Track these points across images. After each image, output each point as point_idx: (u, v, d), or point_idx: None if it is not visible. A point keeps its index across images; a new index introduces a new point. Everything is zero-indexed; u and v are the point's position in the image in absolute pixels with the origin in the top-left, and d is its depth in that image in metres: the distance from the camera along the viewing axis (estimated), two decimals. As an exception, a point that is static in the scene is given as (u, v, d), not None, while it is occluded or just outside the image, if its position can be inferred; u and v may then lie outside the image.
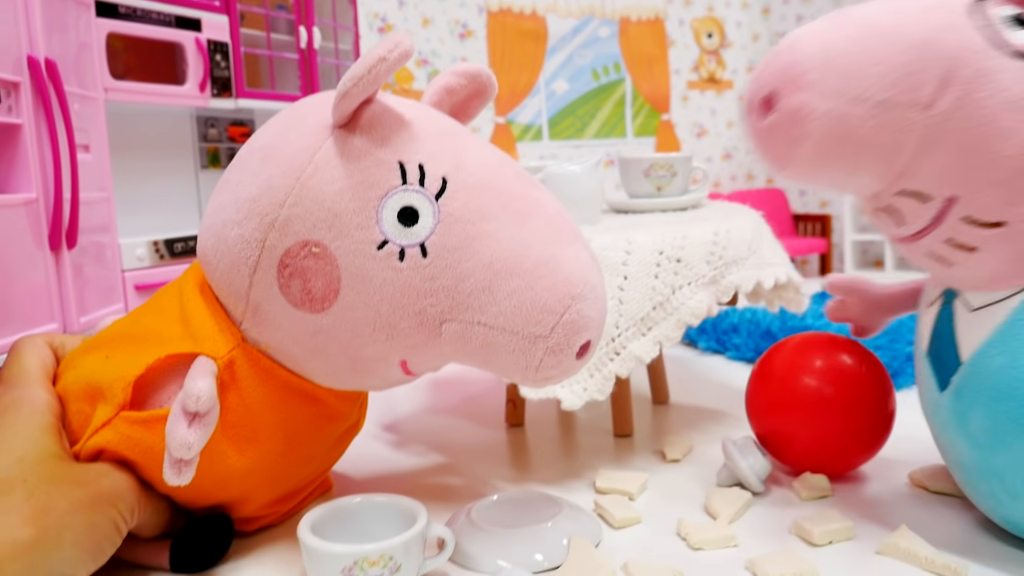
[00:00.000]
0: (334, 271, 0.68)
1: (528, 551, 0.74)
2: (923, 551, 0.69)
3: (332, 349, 0.72)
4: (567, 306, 0.68)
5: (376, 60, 0.64)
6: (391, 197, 0.68)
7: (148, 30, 1.82)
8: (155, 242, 1.85)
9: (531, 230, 0.69)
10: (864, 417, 0.86)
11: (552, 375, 0.71)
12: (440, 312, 0.69)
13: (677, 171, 1.20)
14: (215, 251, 0.72)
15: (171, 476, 0.64)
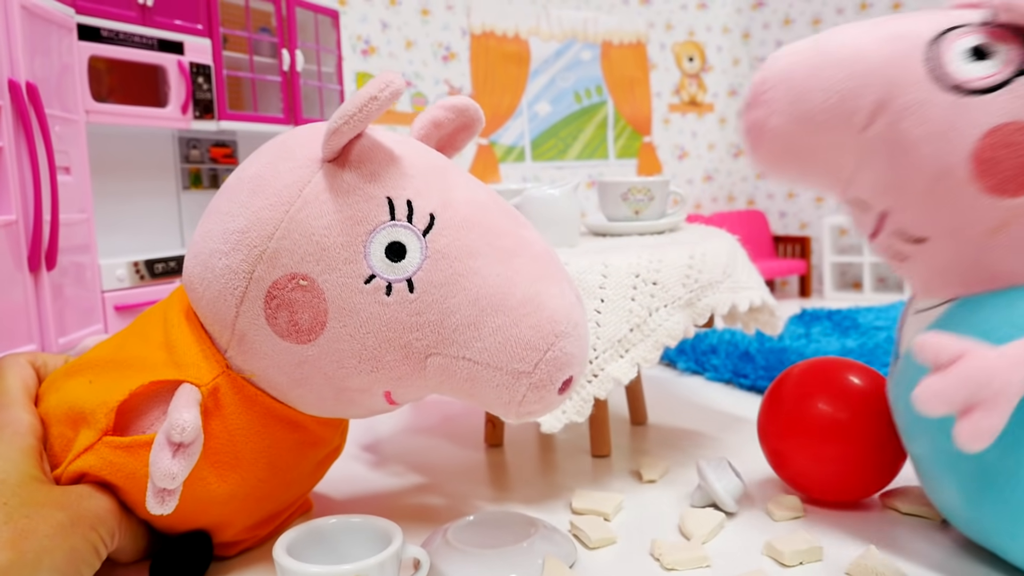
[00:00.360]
0: (321, 304, 0.68)
1: (503, 571, 0.74)
2: (890, 572, 0.70)
3: (317, 379, 0.72)
4: (551, 343, 0.69)
5: (367, 99, 0.66)
6: (379, 232, 0.69)
7: (130, 53, 1.82)
8: (135, 263, 1.85)
9: (516, 268, 0.70)
10: (887, 443, 0.84)
11: (534, 410, 0.72)
12: (426, 346, 0.70)
13: (655, 195, 1.21)
14: (202, 280, 0.73)
15: (154, 505, 0.64)
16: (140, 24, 1.85)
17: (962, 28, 0.67)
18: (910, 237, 0.71)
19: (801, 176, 0.76)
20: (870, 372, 0.88)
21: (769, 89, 0.71)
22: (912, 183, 0.68)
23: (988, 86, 0.64)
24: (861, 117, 0.68)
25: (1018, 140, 0.63)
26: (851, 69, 0.68)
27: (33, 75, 1.49)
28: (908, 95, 0.66)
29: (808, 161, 0.73)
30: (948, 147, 0.65)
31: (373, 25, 3.41)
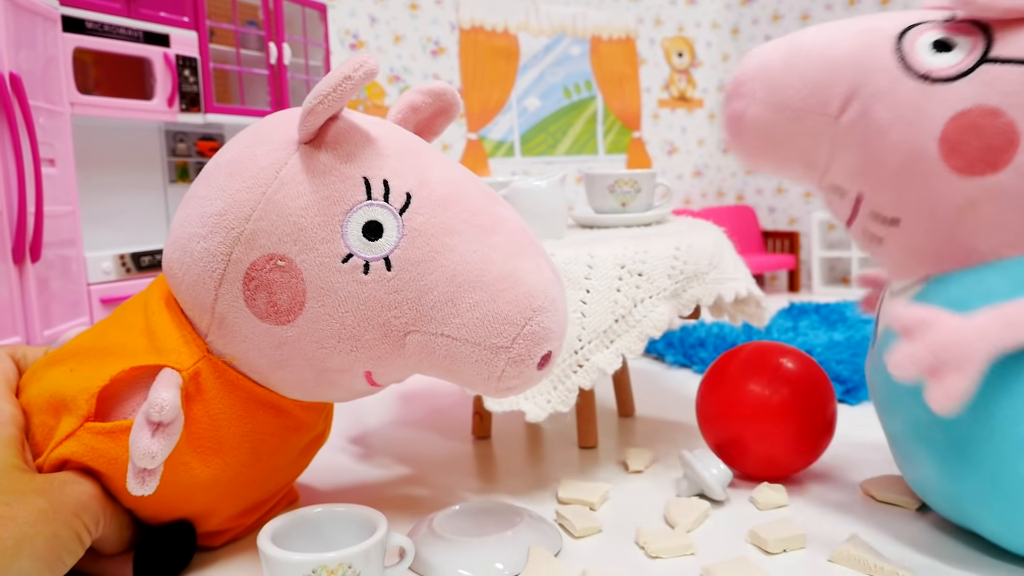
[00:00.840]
0: (299, 284, 0.69)
1: (488, 560, 0.74)
2: (872, 559, 0.71)
3: (297, 360, 0.72)
4: (528, 318, 0.69)
5: (341, 78, 0.66)
6: (356, 212, 0.69)
7: (116, 45, 1.81)
8: (121, 256, 1.84)
9: (493, 244, 0.71)
10: (807, 422, 0.89)
11: (514, 385, 0.72)
12: (404, 324, 0.70)
13: (641, 187, 1.21)
14: (181, 264, 0.73)
15: (134, 486, 0.64)
16: (125, 16, 1.84)
17: (927, 23, 0.71)
18: (884, 219, 0.74)
19: (780, 164, 0.78)
20: (800, 355, 0.93)
21: (747, 82, 0.75)
22: (884, 166, 0.71)
23: (953, 74, 0.68)
24: (835, 105, 0.72)
25: (983, 123, 0.66)
26: (824, 59, 0.72)
27: (17, 67, 1.48)
28: (879, 83, 0.70)
29: (786, 149, 0.76)
30: (917, 131, 0.68)
31: (362, 19, 3.39)
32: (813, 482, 0.94)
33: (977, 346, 0.62)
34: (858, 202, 0.76)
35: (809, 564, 0.74)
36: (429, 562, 0.75)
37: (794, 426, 0.89)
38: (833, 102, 0.72)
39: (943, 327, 0.63)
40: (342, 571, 0.66)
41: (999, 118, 0.66)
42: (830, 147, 0.74)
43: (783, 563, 0.74)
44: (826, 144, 0.74)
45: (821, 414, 0.90)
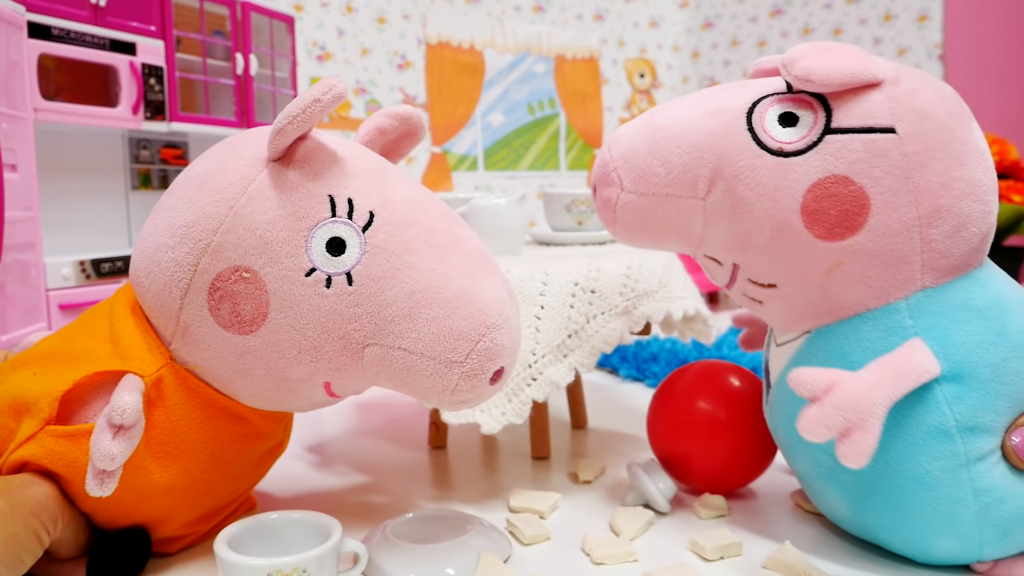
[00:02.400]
0: (263, 296, 0.72)
1: (440, 566, 0.77)
2: (803, 565, 0.75)
3: (258, 370, 0.75)
4: (482, 335, 0.73)
5: (310, 101, 0.70)
6: (320, 228, 0.72)
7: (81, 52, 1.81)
8: (81, 262, 1.83)
9: (451, 263, 0.74)
10: (753, 438, 0.92)
11: (466, 399, 0.76)
12: (363, 337, 0.73)
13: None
14: (148, 273, 0.75)
15: (93, 487, 0.66)
16: (92, 24, 1.84)
17: (769, 97, 0.76)
18: (761, 284, 0.79)
19: (658, 241, 0.82)
20: (748, 374, 0.97)
21: (613, 170, 0.79)
22: (755, 238, 0.76)
23: (803, 147, 0.73)
24: (701, 187, 0.77)
25: (836, 191, 0.72)
26: (684, 144, 0.76)
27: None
28: (738, 163, 0.75)
29: (661, 228, 0.80)
30: (779, 205, 0.73)
31: (329, 31, 3.41)
32: (752, 492, 0.98)
33: (877, 402, 0.67)
34: (735, 270, 0.80)
35: (745, 570, 0.78)
36: (382, 568, 0.77)
37: (739, 443, 0.92)
38: (699, 184, 0.76)
39: (844, 389, 0.68)
40: (296, 575, 0.68)
41: (849, 185, 0.71)
42: (702, 224, 0.78)
43: (721, 569, 0.78)
44: (699, 222, 0.78)
45: (766, 432, 0.93)
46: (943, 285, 0.73)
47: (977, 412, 0.69)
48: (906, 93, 0.72)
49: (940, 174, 0.71)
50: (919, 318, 0.72)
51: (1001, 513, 0.70)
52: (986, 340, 0.70)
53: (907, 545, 0.75)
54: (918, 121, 0.72)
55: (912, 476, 0.71)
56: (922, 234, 0.71)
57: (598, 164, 0.81)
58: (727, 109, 0.77)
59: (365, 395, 1.57)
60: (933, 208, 0.71)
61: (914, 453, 0.71)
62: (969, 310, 0.72)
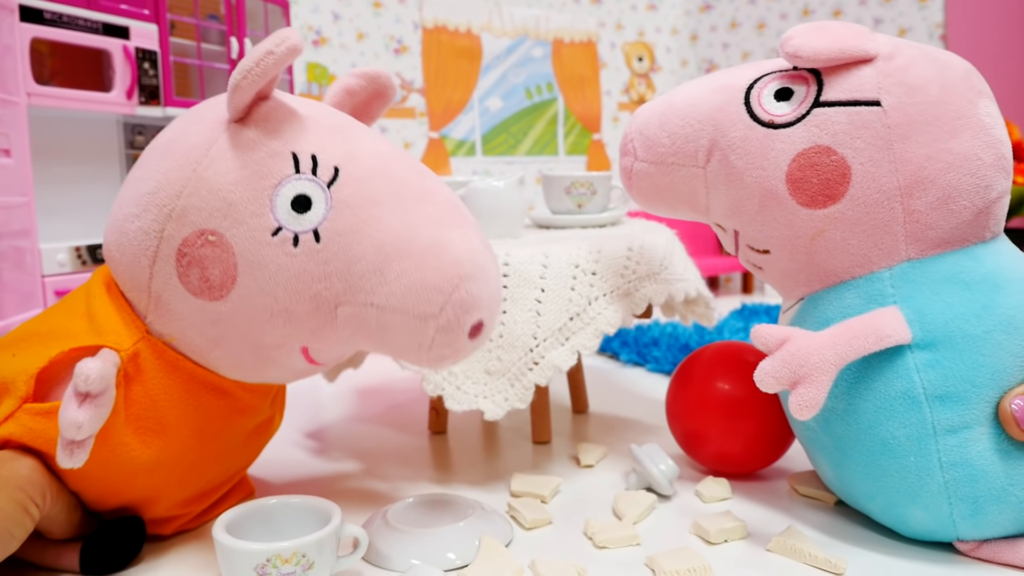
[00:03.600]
0: (230, 258, 0.71)
1: (440, 550, 0.76)
2: (808, 548, 0.74)
3: (233, 337, 0.74)
4: (455, 285, 0.71)
5: (264, 53, 0.68)
6: (284, 186, 0.71)
7: (74, 36, 1.79)
8: (77, 248, 1.81)
9: (420, 214, 0.72)
10: (774, 419, 0.92)
11: (445, 354, 0.73)
12: (334, 295, 0.72)
13: (597, 189, 1.24)
14: (118, 246, 0.75)
15: (63, 458, 0.65)
16: (85, 7, 1.82)
17: (771, 75, 0.81)
18: (758, 250, 0.84)
19: (671, 208, 0.89)
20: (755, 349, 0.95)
21: (630, 141, 0.87)
22: (746, 206, 0.81)
23: (791, 119, 0.77)
24: (700, 156, 0.83)
25: (819, 161, 0.75)
26: (688, 117, 0.83)
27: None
28: (732, 134, 0.80)
29: (671, 195, 0.87)
30: (767, 173, 0.78)
31: (324, 16, 3.39)
32: (756, 476, 0.97)
33: (825, 358, 0.70)
34: (736, 236, 0.86)
35: (749, 553, 0.77)
36: (383, 552, 0.77)
37: (761, 424, 0.92)
38: (699, 154, 0.83)
39: (796, 343, 0.72)
40: (296, 560, 0.67)
41: (832, 155, 0.74)
42: (705, 191, 0.84)
43: (724, 552, 0.77)
44: (702, 189, 0.84)
45: None
46: (931, 257, 0.74)
47: (949, 382, 0.70)
48: (897, 68, 0.75)
49: (925, 146, 0.73)
50: (900, 287, 0.74)
51: (972, 490, 0.70)
52: (968, 312, 0.71)
53: (883, 512, 0.77)
54: (905, 94, 0.74)
55: (880, 441, 0.73)
56: (904, 204, 0.73)
57: (622, 137, 0.89)
58: (730, 86, 0.82)
59: (364, 380, 1.57)
60: (915, 179, 0.73)
61: (882, 418, 0.72)
62: (955, 283, 0.73)
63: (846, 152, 0.74)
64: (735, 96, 0.81)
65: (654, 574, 0.73)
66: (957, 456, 0.70)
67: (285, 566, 0.67)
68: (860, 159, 0.74)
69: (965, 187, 0.73)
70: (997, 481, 0.70)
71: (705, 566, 0.72)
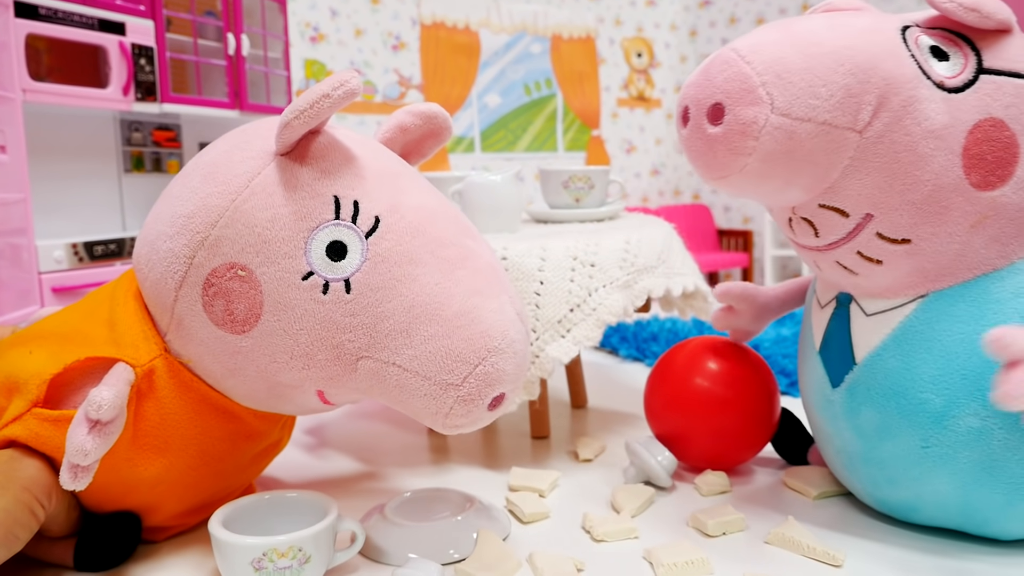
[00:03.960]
0: (257, 296, 0.69)
1: (438, 544, 0.76)
2: (806, 540, 0.74)
3: (250, 371, 0.73)
4: (482, 358, 0.68)
5: (320, 96, 0.66)
6: (322, 230, 0.69)
7: (70, 32, 1.79)
8: (74, 244, 1.81)
9: (456, 279, 0.70)
10: (751, 416, 0.91)
11: (461, 424, 0.71)
12: (357, 348, 0.70)
13: (595, 184, 1.24)
14: (147, 261, 0.73)
15: (67, 480, 0.64)
16: (80, 3, 1.82)
17: (913, 28, 0.68)
18: (893, 240, 0.69)
19: (786, 184, 0.67)
20: (744, 349, 0.95)
21: (761, 84, 0.62)
22: (908, 183, 0.66)
23: (961, 84, 0.66)
24: (864, 116, 0.64)
25: (994, 135, 0.66)
26: (849, 63, 0.63)
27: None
28: (906, 92, 0.64)
29: (801, 166, 0.65)
30: (945, 144, 0.65)
31: (322, 12, 3.38)
32: (753, 469, 0.97)
33: None
34: (863, 223, 0.68)
35: (747, 546, 0.77)
36: (380, 547, 0.76)
37: (736, 420, 0.91)
38: (862, 112, 0.63)
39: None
40: (292, 554, 0.67)
41: (1004, 130, 0.66)
42: (847, 163, 0.65)
43: (722, 545, 0.77)
44: (842, 161, 0.65)
45: (766, 408, 0.92)
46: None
47: None
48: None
49: None
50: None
51: None
52: None
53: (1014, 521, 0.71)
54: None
55: None
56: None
57: (731, 75, 0.63)
58: (882, 31, 0.66)
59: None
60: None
61: None
62: None
63: (1017, 128, 0.65)
64: (897, 45, 0.65)
65: (652, 567, 0.73)
66: None
67: (282, 560, 0.66)
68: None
69: None
70: None
71: (703, 559, 0.71)
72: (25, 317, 1.41)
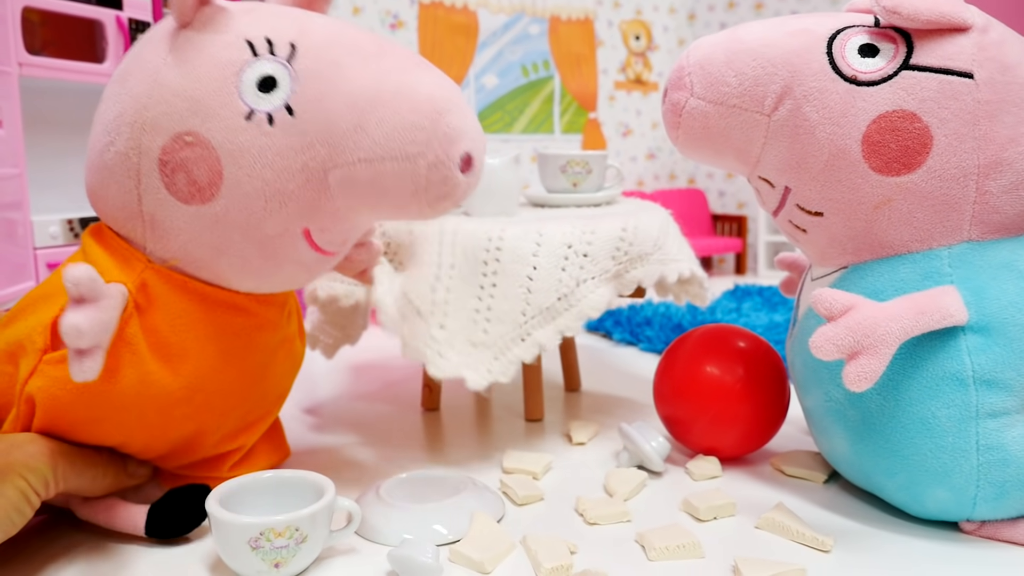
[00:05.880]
0: (212, 153, 0.71)
1: (432, 525, 0.77)
2: (795, 525, 0.75)
3: (235, 237, 0.74)
4: (434, 120, 0.71)
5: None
6: (246, 70, 0.72)
7: (66, 6, 1.77)
8: (69, 220, 1.81)
9: (384, 66, 0.73)
10: (762, 403, 0.92)
11: (442, 192, 0.73)
12: (321, 162, 0.72)
13: (592, 169, 1.24)
14: (100, 182, 0.76)
15: (75, 370, 0.63)
16: (76, -23, 1.80)
17: (854, 28, 0.76)
18: (808, 211, 0.79)
19: (716, 155, 0.82)
20: (755, 338, 0.96)
21: (687, 74, 0.79)
22: (811, 162, 0.76)
23: (877, 79, 0.73)
24: (769, 102, 0.77)
25: (901, 126, 0.72)
26: (761, 58, 0.77)
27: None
28: (810, 83, 0.75)
29: (721, 141, 0.80)
30: (842, 130, 0.74)
31: (319, -11, 3.35)
32: (747, 454, 0.98)
33: (890, 331, 0.68)
34: (785, 194, 0.81)
35: (737, 530, 0.78)
36: (375, 526, 0.77)
37: (748, 408, 0.91)
38: (767, 99, 0.77)
39: (861, 313, 0.69)
40: (289, 533, 0.68)
41: (916, 122, 0.72)
42: (763, 141, 0.79)
43: (713, 529, 0.78)
44: (759, 138, 0.79)
45: (778, 400, 0.93)
46: (989, 241, 0.74)
47: (998, 368, 0.69)
48: (992, 43, 0.72)
49: (1009, 128, 0.71)
50: (958, 268, 0.73)
51: (1002, 474, 0.70)
52: (1022, 301, 0.70)
53: (900, 491, 0.76)
54: (999, 71, 0.71)
55: (919, 419, 0.72)
56: (978, 184, 0.72)
57: (674, 68, 0.81)
58: (810, 32, 0.77)
59: (359, 357, 1.57)
60: (995, 160, 0.71)
61: (926, 397, 0.71)
62: (1011, 270, 0.72)
63: (931, 121, 0.71)
64: (816, 44, 0.76)
65: (644, 550, 0.74)
66: (994, 440, 0.70)
67: (279, 539, 0.67)
68: (944, 131, 0.71)
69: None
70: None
71: (694, 543, 0.73)
72: (20, 293, 1.41)
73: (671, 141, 0.84)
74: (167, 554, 0.75)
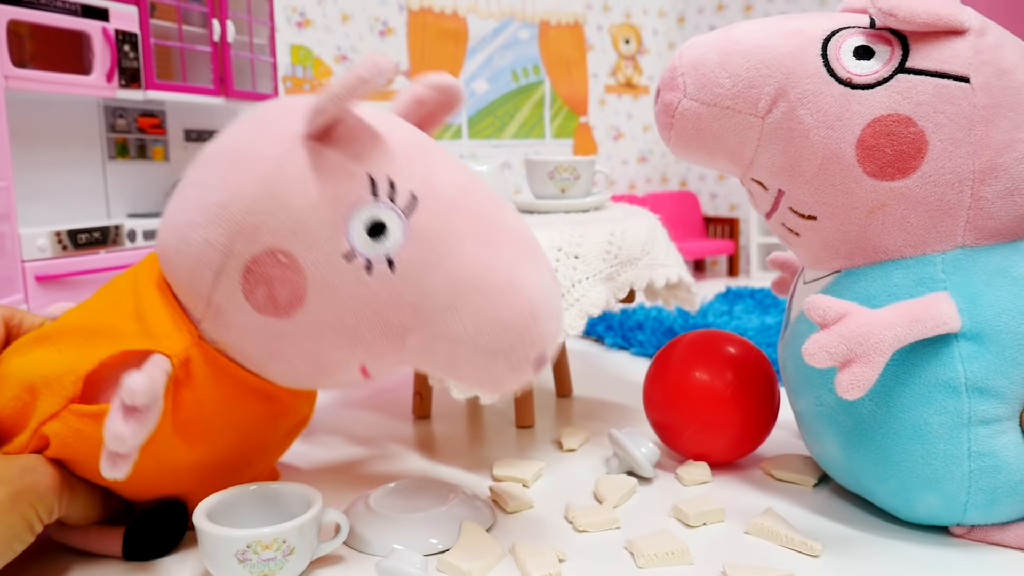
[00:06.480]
0: (300, 280, 0.68)
1: (422, 535, 0.77)
2: (784, 530, 0.75)
3: (292, 353, 0.73)
4: (528, 325, 0.69)
5: (357, 81, 0.64)
6: (360, 210, 0.68)
7: (53, 18, 1.77)
8: (58, 233, 1.80)
9: (496, 251, 0.70)
10: (752, 409, 0.92)
11: (507, 384, 0.73)
12: (404, 325, 0.70)
13: (580, 174, 1.24)
14: (177, 251, 0.72)
15: (107, 469, 0.64)
16: (63, -12, 1.80)
17: (850, 29, 0.75)
18: (801, 215, 0.78)
19: (708, 156, 0.81)
20: (744, 343, 0.96)
21: (680, 75, 0.78)
22: (805, 165, 0.75)
23: (872, 82, 0.72)
24: (762, 104, 0.76)
25: (896, 130, 0.71)
26: (755, 59, 0.75)
27: (-52, 38, 1.44)
28: (804, 86, 0.74)
29: (714, 142, 0.79)
30: (837, 134, 0.73)
31: (308, -3, 3.35)
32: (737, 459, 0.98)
33: (884, 339, 0.67)
34: (779, 197, 0.80)
35: (727, 536, 0.78)
36: (364, 537, 0.77)
37: (738, 414, 0.91)
38: (761, 101, 0.75)
39: (855, 321, 0.68)
40: (276, 546, 0.67)
41: (911, 127, 0.71)
42: (756, 144, 0.78)
43: (703, 535, 0.78)
44: (752, 141, 0.78)
45: (768, 405, 0.93)
46: (983, 247, 0.73)
47: (990, 376, 0.69)
48: (989, 46, 0.71)
49: (1005, 133, 0.71)
50: (952, 274, 0.72)
51: (993, 480, 0.70)
52: (1015, 308, 0.70)
53: (891, 496, 0.76)
54: (995, 76, 0.70)
55: (911, 426, 0.71)
56: (973, 190, 0.71)
57: (666, 68, 0.80)
58: (804, 33, 0.76)
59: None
60: (990, 165, 0.71)
61: (918, 403, 0.71)
62: (1005, 276, 0.71)
63: (926, 126, 0.70)
64: (811, 45, 0.75)
65: (633, 557, 0.74)
66: (986, 446, 0.69)
67: (266, 552, 0.67)
68: (940, 135, 0.70)
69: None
70: (1017, 473, 0.70)
71: (683, 549, 0.72)
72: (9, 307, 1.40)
73: (664, 142, 0.83)
74: (152, 567, 0.75)
